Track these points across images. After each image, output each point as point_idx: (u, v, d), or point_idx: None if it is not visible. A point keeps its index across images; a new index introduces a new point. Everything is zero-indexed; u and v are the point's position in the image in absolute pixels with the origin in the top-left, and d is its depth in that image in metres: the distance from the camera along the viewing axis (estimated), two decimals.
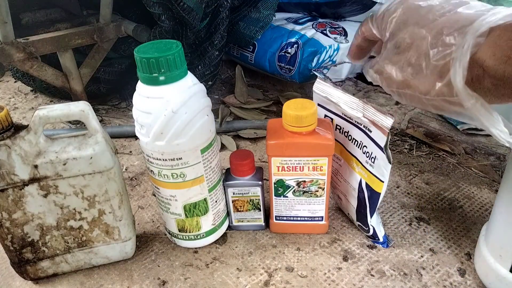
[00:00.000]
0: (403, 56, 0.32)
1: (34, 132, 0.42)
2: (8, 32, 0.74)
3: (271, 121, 0.51)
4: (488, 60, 0.26)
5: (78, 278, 0.51)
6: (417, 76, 0.31)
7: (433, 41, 0.29)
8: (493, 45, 0.25)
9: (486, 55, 0.26)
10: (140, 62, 0.41)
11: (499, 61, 0.25)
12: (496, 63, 0.25)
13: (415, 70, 0.30)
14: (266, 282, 0.49)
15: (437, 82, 0.29)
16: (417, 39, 0.30)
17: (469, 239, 0.53)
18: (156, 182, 0.49)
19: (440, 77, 0.29)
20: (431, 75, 0.29)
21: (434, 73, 0.29)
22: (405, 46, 0.31)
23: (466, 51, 0.26)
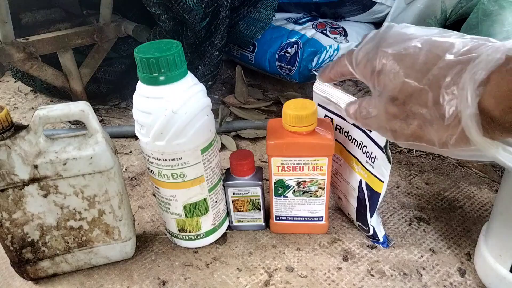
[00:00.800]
0: (405, 109, 0.30)
1: (34, 132, 0.42)
2: (8, 32, 0.74)
3: (271, 121, 0.51)
4: (494, 111, 0.25)
5: (78, 278, 0.51)
6: (426, 129, 0.29)
7: (434, 95, 0.28)
8: (494, 95, 0.25)
9: (491, 105, 0.25)
10: (140, 62, 0.41)
11: (504, 111, 0.25)
12: (502, 114, 0.25)
13: (424, 123, 0.29)
14: (266, 282, 0.49)
15: (450, 136, 0.28)
16: (415, 93, 0.29)
17: (469, 239, 0.53)
18: (156, 182, 0.49)
19: (452, 131, 0.28)
20: (442, 129, 0.28)
21: (444, 127, 0.28)
22: (403, 99, 0.30)
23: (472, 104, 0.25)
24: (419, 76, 0.28)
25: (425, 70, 0.28)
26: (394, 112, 0.31)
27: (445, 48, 0.28)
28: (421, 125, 0.30)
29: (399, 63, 0.30)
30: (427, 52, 0.29)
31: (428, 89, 0.28)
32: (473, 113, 0.26)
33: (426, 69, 0.28)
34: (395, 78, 0.30)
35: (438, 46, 0.29)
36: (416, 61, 0.29)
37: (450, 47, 0.28)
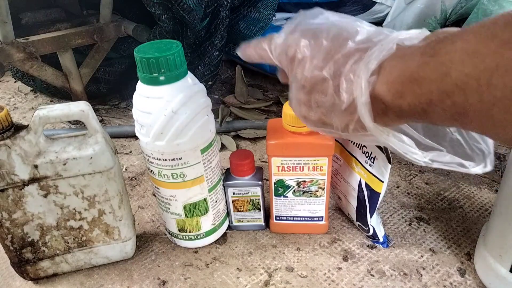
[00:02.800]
0: (311, 97, 0.31)
1: (34, 132, 0.42)
2: (8, 32, 0.74)
3: (271, 121, 0.51)
4: (386, 96, 0.26)
5: (78, 278, 0.51)
6: (329, 115, 0.31)
7: (335, 83, 0.29)
8: (385, 82, 0.26)
9: (383, 91, 0.26)
10: (140, 62, 0.41)
11: (395, 96, 0.26)
12: (393, 99, 0.26)
13: (326, 111, 0.31)
14: (266, 282, 0.49)
15: (350, 121, 0.30)
16: (318, 81, 0.30)
17: (469, 239, 0.53)
18: (156, 182, 0.49)
19: (351, 117, 0.29)
20: (342, 115, 0.30)
21: (344, 113, 0.29)
22: (310, 88, 0.31)
23: (364, 93, 0.27)
24: (322, 65, 0.29)
25: (329, 58, 0.29)
26: (303, 99, 0.32)
27: (348, 36, 0.29)
28: (324, 112, 0.31)
29: (307, 51, 0.31)
30: (332, 40, 0.30)
31: (329, 78, 0.29)
32: (366, 101, 0.27)
33: (330, 57, 0.29)
34: (302, 66, 0.31)
35: (343, 35, 0.30)
36: (321, 50, 0.30)
37: (353, 35, 0.29)
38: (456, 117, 0.23)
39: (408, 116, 0.27)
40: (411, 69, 0.25)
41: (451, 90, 0.22)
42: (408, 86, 0.25)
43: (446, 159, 0.29)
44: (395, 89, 0.26)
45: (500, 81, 0.20)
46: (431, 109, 0.24)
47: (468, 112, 0.22)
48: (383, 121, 0.28)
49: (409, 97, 0.25)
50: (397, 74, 0.26)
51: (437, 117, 0.25)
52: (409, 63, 0.25)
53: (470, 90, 0.21)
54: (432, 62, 0.23)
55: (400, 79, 0.25)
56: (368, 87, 0.27)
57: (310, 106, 0.32)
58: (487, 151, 0.31)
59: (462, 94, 0.22)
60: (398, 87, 0.26)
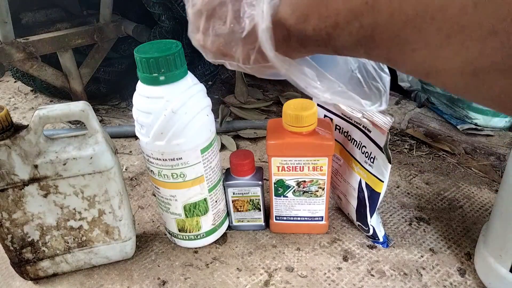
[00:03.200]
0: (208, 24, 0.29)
1: (34, 132, 0.42)
2: (8, 32, 0.74)
3: (271, 121, 0.51)
4: (289, 20, 0.24)
5: (78, 278, 0.51)
6: (228, 45, 0.28)
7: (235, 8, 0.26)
8: (289, 3, 0.24)
9: (287, 14, 0.24)
10: (140, 62, 0.41)
11: (299, 19, 0.24)
12: (297, 22, 0.24)
13: (225, 40, 0.28)
14: (266, 282, 0.49)
15: (250, 51, 0.27)
16: (216, 5, 0.27)
17: (469, 239, 0.53)
18: (156, 182, 0.49)
19: (251, 46, 0.27)
20: (242, 44, 0.27)
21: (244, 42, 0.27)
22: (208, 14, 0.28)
23: (266, 17, 0.24)
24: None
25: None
26: (201, 27, 0.29)
27: None
28: (223, 41, 0.28)
29: None
30: None
31: (228, 1, 0.26)
32: (267, 27, 0.24)
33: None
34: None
35: None
36: None
37: None
38: (362, 42, 0.22)
39: (312, 44, 0.25)
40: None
41: (359, 9, 0.21)
42: (314, 7, 0.23)
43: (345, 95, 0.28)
44: (300, 11, 0.24)
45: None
46: (336, 33, 0.22)
47: (375, 35, 0.21)
48: (285, 50, 0.26)
49: (314, 19, 0.23)
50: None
51: (342, 43, 0.23)
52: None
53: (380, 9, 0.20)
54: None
55: (306, 1, 0.23)
56: (270, 11, 0.24)
57: (208, 34, 0.29)
58: (383, 89, 0.30)
59: (371, 13, 0.20)
60: (303, 9, 0.23)
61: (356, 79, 0.31)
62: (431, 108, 0.84)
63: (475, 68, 0.17)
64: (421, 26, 0.18)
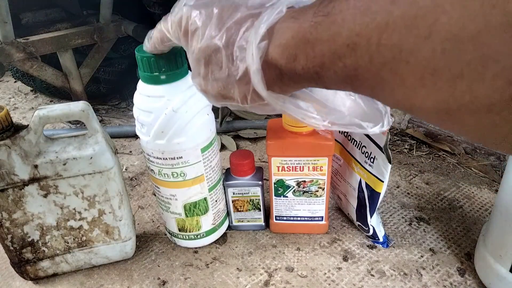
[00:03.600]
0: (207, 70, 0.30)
1: (34, 132, 0.42)
2: (8, 32, 0.74)
3: (271, 121, 0.51)
4: (279, 60, 0.25)
5: (78, 278, 0.51)
6: (227, 88, 0.30)
7: (227, 52, 0.28)
8: (278, 45, 0.25)
9: (277, 55, 0.25)
10: (141, 61, 0.41)
11: (288, 59, 0.25)
12: (287, 62, 0.25)
13: (223, 83, 0.29)
14: (266, 282, 0.48)
15: (246, 92, 0.28)
16: (212, 51, 0.28)
17: (469, 239, 0.53)
18: (156, 181, 0.49)
19: (246, 87, 0.28)
20: (238, 86, 0.28)
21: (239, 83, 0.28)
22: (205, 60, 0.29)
23: (255, 60, 0.26)
24: (214, 34, 0.28)
25: (221, 26, 0.28)
26: (201, 73, 0.31)
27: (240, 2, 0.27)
28: (221, 84, 0.30)
29: (199, 21, 0.29)
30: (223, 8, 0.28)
31: (222, 47, 0.28)
32: (257, 69, 0.26)
33: (222, 25, 0.28)
34: (196, 38, 0.29)
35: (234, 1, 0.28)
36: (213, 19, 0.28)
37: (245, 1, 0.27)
38: (348, 81, 0.23)
39: (303, 81, 0.26)
40: (304, 29, 0.23)
41: (342, 51, 0.21)
42: (301, 48, 0.24)
43: (345, 120, 0.29)
44: (288, 52, 0.24)
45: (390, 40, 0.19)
46: (323, 72, 0.23)
47: (359, 75, 0.22)
48: (279, 87, 0.27)
49: (303, 60, 0.24)
50: (290, 36, 0.24)
51: (330, 80, 0.24)
52: (302, 24, 0.24)
53: (360, 51, 0.21)
54: (325, 22, 0.22)
55: (293, 41, 0.24)
56: (259, 54, 0.25)
57: (208, 79, 0.30)
58: (384, 110, 0.30)
59: (353, 55, 0.21)
60: (291, 50, 0.24)
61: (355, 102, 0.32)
62: None
63: (447, 108, 0.18)
64: (397, 68, 0.19)
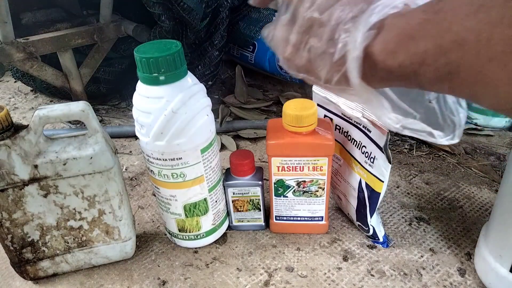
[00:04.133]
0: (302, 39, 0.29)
1: (34, 132, 0.42)
2: (8, 32, 0.74)
3: (271, 121, 0.51)
4: (378, 56, 0.25)
5: (78, 278, 0.51)
6: (316, 62, 0.29)
7: (331, 30, 0.27)
8: (382, 40, 0.25)
9: (376, 49, 0.25)
10: (140, 62, 0.41)
11: (387, 56, 0.25)
12: (385, 59, 0.25)
13: (315, 57, 0.29)
14: (266, 282, 0.49)
15: (335, 73, 0.28)
16: (315, 24, 0.28)
17: (469, 239, 0.53)
18: (156, 182, 0.49)
19: (338, 69, 0.28)
20: (329, 66, 0.28)
21: (332, 64, 0.28)
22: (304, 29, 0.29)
23: (358, 47, 0.25)
24: (323, 8, 0.28)
25: (333, 2, 0.28)
26: (292, 39, 0.30)
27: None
28: (311, 58, 0.29)
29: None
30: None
31: (327, 23, 0.27)
32: (358, 56, 0.26)
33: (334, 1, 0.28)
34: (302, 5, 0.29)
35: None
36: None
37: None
38: (447, 78, 0.23)
39: (395, 79, 0.26)
40: (411, 26, 0.24)
41: (448, 46, 0.22)
42: (404, 44, 0.24)
43: (417, 127, 0.29)
44: (389, 48, 0.25)
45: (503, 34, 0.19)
46: (422, 70, 0.24)
47: (461, 72, 0.22)
48: (368, 80, 0.27)
49: (402, 56, 0.24)
50: (395, 33, 0.24)
51: (426, 79, 0.24)
52: (410, 21, 0.24)
53: (468, 46, 0.21)
54: (435, 19, 0.23)
55: (397, 38, 0.24)
56: (363, 42, 0.25)
57: (298, 48, 0.30)
58: (459, 123, 0.30)
59: (459, 50, 0.21)
60: (392, 46, 0.25)
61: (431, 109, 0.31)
62: None
63: None
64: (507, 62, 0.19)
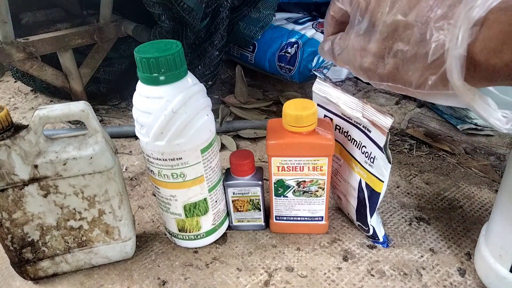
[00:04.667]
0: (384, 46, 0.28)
1: (34, 132, 0.42)
2: (8, 32, 0.74)
3: (271, 121, 0.51)
4: (478, 54, 0.24)
5: (78, 278, 0.51)
6: (404, 69, 0.27)
7: (421, 31, 0.25)
8: (485, 37, 0.23)
9: (477, 49, 0.23)
10: (140, 62, 0.41)
11: (489, 55, 0.23)
12: (486, 58, 0.23)
13: (403, 61, 0.27)
14: (266, 282, 0.49)
15: (430, 76, 0.26)
16: (399, 27, 0.26)
17: (469, 239, 0.53)
18: (156, 182, 0.49)
19: (433, 71, 0.26)
20: (423, 68, 0.26)
21: (426, 66, 0.26)
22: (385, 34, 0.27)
23: (461, 45, 0.23)
24: (406, 9, 0.26)
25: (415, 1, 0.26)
26: (373, 48, 0.28)
27: None
28: (399, 63, 0.27)
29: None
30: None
31: (414, 23, 0.25)
32: (461, 55, 0.24)
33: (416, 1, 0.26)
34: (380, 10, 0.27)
35: None
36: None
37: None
38: None
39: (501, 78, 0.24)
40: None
41: None
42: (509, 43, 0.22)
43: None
44: (491, 47, 0.23)
45: None
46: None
47: None
48: (468, 81, 0.25)
49: (508, 55, 0.22)
50: (499, 30, 0.22)
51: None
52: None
53: None
54: None
55: (501, 36, 0.22)
56: (468, 39, 0.23)
57: (381, 56, 0.28)
58: None
59: None
60: (495, 44, 0.23)
61: None
62: (431, 108, 0.84)
63: None
64: None
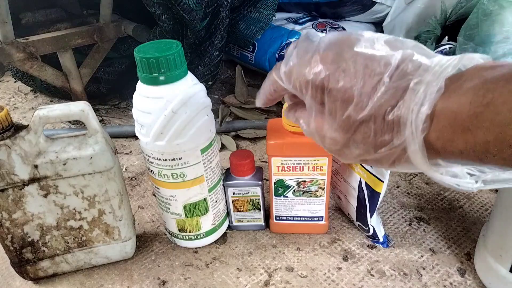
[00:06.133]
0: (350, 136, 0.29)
1: (34, 132, 0.42)
2: (8, 32, 0.74)
3: (271, 121, 0.51)
4: (435, 143, 0.25)
5: (78, 278, 0.51)
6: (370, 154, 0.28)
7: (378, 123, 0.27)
8: (435, 129, 0.24)
9: (433, 138, 0.25)
10: (140, 62, 0.41)
11: (446, 144, 0.24)
12: (443, 146, 0.25)
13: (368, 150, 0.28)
14: (266, 282, 0.49)
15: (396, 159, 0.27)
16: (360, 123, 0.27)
17: (469, 239, 0.53)
18: (156, 182, 0.49)
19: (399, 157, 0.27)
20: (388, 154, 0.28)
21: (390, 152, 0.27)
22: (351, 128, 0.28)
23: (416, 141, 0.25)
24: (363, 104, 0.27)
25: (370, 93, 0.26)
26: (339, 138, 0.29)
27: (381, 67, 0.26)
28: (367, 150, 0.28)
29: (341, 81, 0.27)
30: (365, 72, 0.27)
31: (373, 118, 0.27)
32: (417, 150, 0.25)
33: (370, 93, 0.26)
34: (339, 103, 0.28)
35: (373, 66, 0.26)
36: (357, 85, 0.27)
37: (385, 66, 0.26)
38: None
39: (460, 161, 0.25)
40: (462, 118, 0.23)
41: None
42: (460, 134, 0.23)
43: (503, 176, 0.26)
44: (445, 137, 0.24)
45: None
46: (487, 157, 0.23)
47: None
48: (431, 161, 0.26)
49: (461, 145, 0.23)
50: (448, 122, 0.24)
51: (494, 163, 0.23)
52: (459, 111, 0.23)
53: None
54: (486, 112, 0.22)
55: (451, 128, 0.24)
56: (421, 135, 0.25)
57: (347, 145, 0.29)
58: None
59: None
60: (449, 135, 0.24)
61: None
62: None
63: None
64: None
